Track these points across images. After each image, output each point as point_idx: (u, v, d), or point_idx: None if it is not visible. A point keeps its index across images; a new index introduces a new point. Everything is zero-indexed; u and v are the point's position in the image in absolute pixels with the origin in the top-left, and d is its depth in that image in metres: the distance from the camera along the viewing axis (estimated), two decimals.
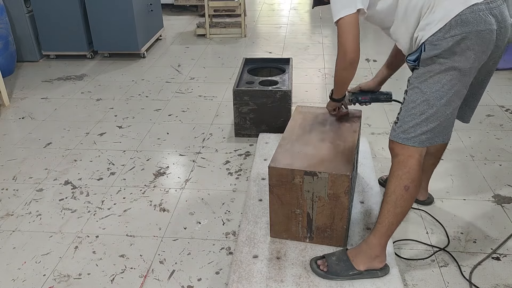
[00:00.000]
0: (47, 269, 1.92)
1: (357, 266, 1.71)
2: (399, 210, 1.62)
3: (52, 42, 4.33)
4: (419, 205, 2.20)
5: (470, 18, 1.44)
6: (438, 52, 1.48)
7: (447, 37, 1.45)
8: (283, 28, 5.42)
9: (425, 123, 1.55)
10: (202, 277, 1.85)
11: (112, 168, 2.63)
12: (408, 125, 1.57)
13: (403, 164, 1.59)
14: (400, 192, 1.59)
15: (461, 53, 1.47)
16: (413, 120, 1.56)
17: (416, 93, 1.55)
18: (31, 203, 2.34)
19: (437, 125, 1.56)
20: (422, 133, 1.56)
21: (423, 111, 1.55)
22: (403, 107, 1.61)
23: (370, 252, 1.70)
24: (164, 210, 2.27)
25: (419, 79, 1.55)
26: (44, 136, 3.02)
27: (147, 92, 3.67)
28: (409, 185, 1.58)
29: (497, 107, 3.18)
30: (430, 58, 1.50)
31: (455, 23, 1.44)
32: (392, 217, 1.63)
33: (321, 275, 1.72)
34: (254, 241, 1.92)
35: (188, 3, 6.06)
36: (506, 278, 1.79)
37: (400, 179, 1.59)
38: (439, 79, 1.51)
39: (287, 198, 1.82)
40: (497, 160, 2.58)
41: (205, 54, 4.58)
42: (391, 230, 1.66)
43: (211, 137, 2.95)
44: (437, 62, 1.50)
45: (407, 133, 1.58)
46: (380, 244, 1.69)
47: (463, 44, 1.46)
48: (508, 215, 2.14)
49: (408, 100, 1.58)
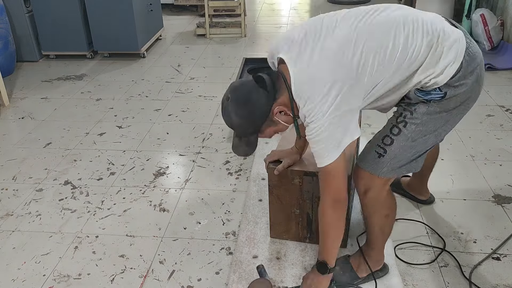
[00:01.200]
0: (47, 269, 1.92)
1: (361, 274, 1.73)
2: (387, 232, 1.66)
3: (52, 42, 4.32)
4: (419, 204, 2.20)
5: (472, 49, 1.40)
6: (457, 91, 1.39)
7: (466, 74, 1.38)
8: (283, 28, 5.41)
9: (415, 156, 1.49)
10: (202, 277, 1.85)
11: (112, 168, 2.63)
12: (398, 165, 1.48)
13: (377, 199, 1.55)
14: (382, 222, 1.61)
15: (473, 87, 1.42)
16: (405, 160, 1.48)
17: (419, 131, 1.44)
18: (31, 203, 2.34)
19: (421, 158, 1.53)
20: (406, 166, 1.50)
21: (419, 150, 1.48)
22: (396, 141, 1.45)
23: (371, 259, 1.72)
24: (164, 210, 2.27)
25: (428, 117, 1.43)
26: (44, 136, 3.02)
27: (147, 92, 3.67)
28: (389, 213, 1.60)
29: (497, 107, 3.18)
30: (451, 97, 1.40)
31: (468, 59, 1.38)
32: (382, 238, 1.67)
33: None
34: (254, 241, 1.92)
35: (188, 3, 6.05)
36: (506, 278, 1.79)
37: (378, 213, 1.59)
38: (448, 118, 1.45)
39: (287, 198, 1.82)
40: (497, 160, 2.58)
41: (205, 54, 4.58)
42: (384, 242, 1.69)
43: (211, 137, 2.95)
44: (453, 102, 1.42)
45: (394, 171, 1.49)
46: (379, 254, 1.72)
47: (476, 78, 1.42)
48: (508, 215, 2.14)
49: (407, 136, 1.45)
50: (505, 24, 4.22)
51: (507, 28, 4.19)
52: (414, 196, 2.21)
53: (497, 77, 3.65)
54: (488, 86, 3.48)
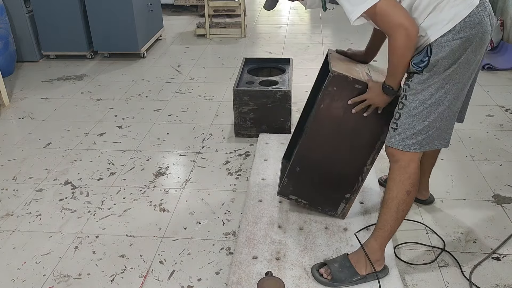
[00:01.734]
0: (47, 269, 1.92)
1: (360, 271, 1.71)
2: (400, 215, 1.63)
3: (52, 42, 4.32)
4: (418, 204, 2.20)
5: (477, 20, 1.44)
6: (445, 55, 1.46)
7: (457, 39, 1.44)
8: (283, 28, 5.41)
9: (427, 129, 1.55)
10: (202, 277, 1.85)
11: (112, 168, 2.63)
12: (410, 132, 1.56)
13: (405, 170, 1.59)
14: (402, 197, 1.60)
15: (466, 55, 1.47)
16: (415, 128, 1.55)
17: (418, 100, 1.53)
18: (31, 203, 2.34)
19: (437, 129, 1.56)
20: (423, 139, 1.56)
21: (425, 118, 1.54)
22: (402, 113, 1.57)
23: (371, 256, 1.70)
24: (164, 210, 2.27)
25: (422, 85, 1.52)
26: (44, 136, 3.02)
27: (147, 92, 3.67)
28: (410, 189, 1.60)
29: (497, 107, 3.18)
30: (435, 62, 1.47)
31: (464, 25, 1.44)
32: (394, 222, 1.64)
33: (326, 283, 1.71)
34: (253, 242, 1.92)
35: (188, 3, 6.06)
36: (506, 278, 1.79)
37: (402, 184, 1.59)
38: (442, 85, 1.50)
39: None
40: (497, 160, 2.58)
41: (205, 54, 4.58)
42: (392, 234, 1.68)
43: (211, 137, 2.95)
44: (442, 67, 1.48)
45: (408, 139, 1.57)
46: (381, 249, 1.70)
47: (469, 46, 1.46)
48: (508, 215, 2.14)
49: (409, 107, 1.55)
50: (505, 24, 4.22)
51: (507, 28, 4.19)
52: None
53: (497, 77, 3.65)
54: (488, 86, 3.48)
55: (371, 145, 1.84)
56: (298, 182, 1.98)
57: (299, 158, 1.93)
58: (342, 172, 1.92)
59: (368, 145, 1.84)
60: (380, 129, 1.79)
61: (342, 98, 1.76)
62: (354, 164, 1.89)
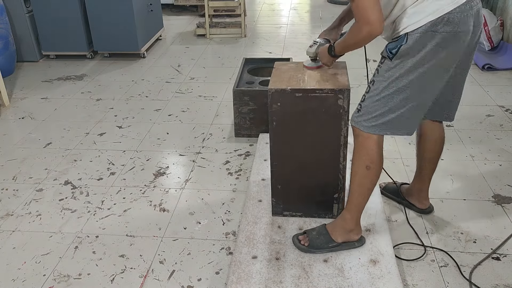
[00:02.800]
0: (47, 269, 1.92)
1: (336, 238, 1.83)
2: (365, 188, 1.74)
3: (52, 42, 4.32)
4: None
5: (456, 19, 1.47)
6: (414, 46, 1.50)
7: (429, 32, 1.48)
8: (283, 28, 5.42)
9: (386, 114, 1.61)
10: (202, 277, 1.85)
11: (112, 168, 2.63)
12: (371, 115, 1.64)
13: (362, 145, 1.69)
14: (362, 172, 1.70)
15: (436, 50, 1.50)
16: (376, 111, 1.62)
17: (383, 86, 1.60)
18: (31, 203, 2.34)
19: (399, 117, 1.61)
20: (383, 123, 1.63)
21: (386, 103, 1.60)
22: (367, 96, 1.65)
23: (346, 225, 1.82)
24: (164, 210, 2.27)
25: (389, 72, 1.58)
26: (44, 136, 3.02)
27: (147, 92, 3.67)
28: (369, 165, 1.68)
29: (497, 107, 3.18)
30: (406, 51, 1.52)
31: (441, 20, 1.47)
32: (359, 195, 1.76)
33: (304, 249, 1.85)
34: (253, 242, 1.92)
35: (188, 3, 6.05)
36: (506, 278, 1.79)
37: (361, 159, 1.69)
38: (408, 75, 1.55)
39: None
40: (497, 160, 2.58)
41: (205, 54, 4.58)
42: (361, 206, 1.79)
43: (211, 137, 2.95)
44: (411, 57, 1.52)
45: (369, 121, 1.65)
46: (353, 218, 1.81)
47: (441, 42, 1.49)
48: (508, 215, 2.14)
49: (374, 91, 1.63)
50: (505, 24, 4.22)
51: (507, 28, 4.19)
52: (413, 204, 2.15)
53: (497, 77, 3.65)
54: (488, 86, 3.48)
55: (336, 143, 1.86)
56: (285, 199, 2.02)
57: (276, 176, 1.98)
58: (320, 176, 1.94)
59: (334, 144, 1.86)
60: (338, 125, 1.83)
61: (289, 110, 1.81)
62: (328, 165, 1.91)
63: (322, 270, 1.77)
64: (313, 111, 1.80)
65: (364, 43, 1.58)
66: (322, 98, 1.77)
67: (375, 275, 1.74)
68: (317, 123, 1.81)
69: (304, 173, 1.95)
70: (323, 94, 1.76)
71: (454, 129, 2.87)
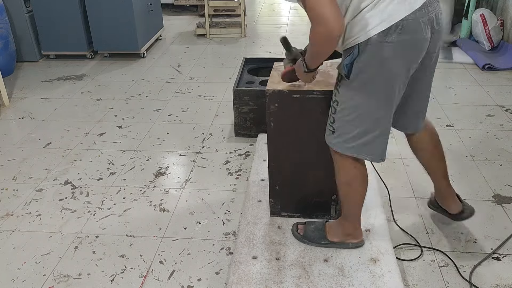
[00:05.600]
0: (47, 269, 1.92)
1: (330, 238, 1.84)
2: (352, 201, 1.73)
3: (52, 42, 4.32)
4: (418, 203, 2.17)
5: (411, 26, 1.37)
6: (371, 60, 1.41)
7: (382, 42, 1.37)
8: (283, 28, 5.42)
9: (362, 135, 1.54)
10: (202, 277, 1.85)
11: (112, 168, 2.63)
12: (348, 136, 1.56)
13: (342, 165, 1.66)
14: (345, 188, 1.70)
15: (391, 60, 1.40)
16: (352, 132, 1.55)
17: (349, 106, 1.52)
18: (31, 203, 2.34)
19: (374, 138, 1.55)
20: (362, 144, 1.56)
21: (358, 125, 1.53)
22: (336, 118, 1.57)
23: (343, 230, 1.82)
24: (164, 210, 2.27)
25: (351, 92, 1.50)
26: (44, 136, 3.02)
27: (147, 92, 3.67)
28: (350, 181, 1.67)
29: (497, 107, 3.18)
30: (361, 68, 1.43)
31: (395, 28, 1.36)
32: (348, 205, 1.75)
33: (297, 237, 1.91)
34: (253, 242, 1.92)
35: (188, 3, 6.06)
36: (506, 278, 1.79)
37: (341, 177, 1.69)
38: (370, 90, 1.47)
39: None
40: (497, 160, 2.58)
41: (205, 54, 4.58)
42: (356, 213, 1.78)
43: (211, 137, 2.95)
44: (367, 71, 1.43)
45: (347, 143, 1.58)
46: (351, 224, 1.81)
47: (396, 51, 1.39)
48: (508, 215, 2.14)
49: (342, 113, 1.54)
50: (505, 24, 4.22)
51: (507, 28, 4.19)
52: (445, 210, 2.01)
53: (497, 77, 3.65)
54: (488, 86, 3.48)
55: None
56: (283, 199, 2.02)
57: (273, 176, 1.98)
58: (317, 178, 1.94)
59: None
60: None
61: (286, 111, 1.82)
62: (326, 166, 1.90)
63: (323, 269, 1.77)
64: (310, 112, 1.80)
65: (328, 48, 1.40)
66: (320, 99, 1.77)
67: (375, 273, 1.74)
68: (314, 124, 1.81)
69: (301, 174, 1.95)
70: (320, 96, 1.76)
71: (454, 129, 2.87)
